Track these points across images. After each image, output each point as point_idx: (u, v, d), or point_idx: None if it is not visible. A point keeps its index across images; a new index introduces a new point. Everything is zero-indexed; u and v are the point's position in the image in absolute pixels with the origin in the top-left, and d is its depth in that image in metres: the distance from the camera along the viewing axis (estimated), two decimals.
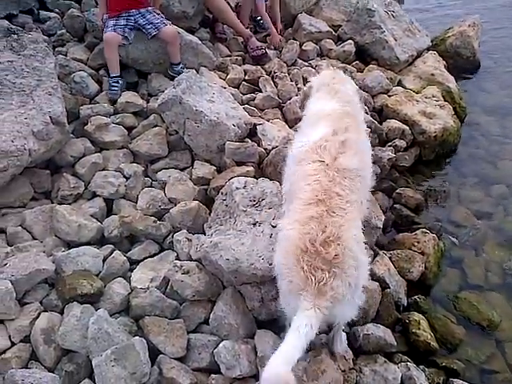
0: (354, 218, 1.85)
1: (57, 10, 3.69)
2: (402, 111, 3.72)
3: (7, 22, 2.96)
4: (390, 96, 3.92)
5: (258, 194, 2.32)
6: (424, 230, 2.96)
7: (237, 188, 2.37)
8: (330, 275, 1.64)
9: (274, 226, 2.15)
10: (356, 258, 1.72)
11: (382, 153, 3.46)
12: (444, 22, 5.67)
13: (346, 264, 1.68)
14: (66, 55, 3.38)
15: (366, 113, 3.42)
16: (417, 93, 4.03)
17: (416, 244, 2.87)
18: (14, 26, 2.88)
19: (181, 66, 3.42)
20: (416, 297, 2.64)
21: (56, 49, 3.42)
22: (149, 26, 3.27)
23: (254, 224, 2.20)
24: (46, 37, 3.40)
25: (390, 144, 3.58)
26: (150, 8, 3.34)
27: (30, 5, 3.53)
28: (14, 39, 2.78)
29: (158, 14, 3.38)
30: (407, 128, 3.67)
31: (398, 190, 3.32)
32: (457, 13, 6.08)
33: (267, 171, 2.92)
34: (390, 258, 2.74)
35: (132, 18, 3.27)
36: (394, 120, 3.70)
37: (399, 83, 4.16)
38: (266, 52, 3.96)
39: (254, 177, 2.83)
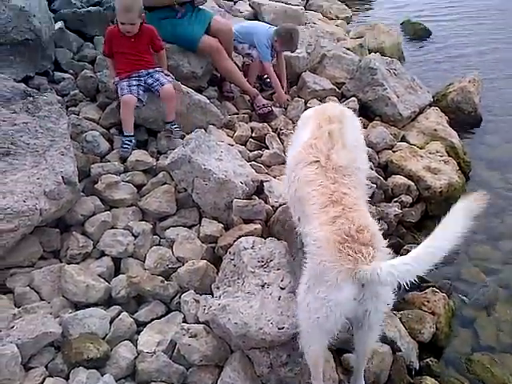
0: (367, 211, 2.09)
1: (71, 71, 3.83)
2: (407, 167, 3.77)
3: (24, 84, 3.06)
4: (394, 152, 3.98)
5: (266, 255, 2.32)
6: (434, 288, 2.93)
7: (245, 248, 2.38)
8: (373, 250, 1.81)
9: (282, 288, 2.14)
10: (381, 239, 1.93)
11: (389, 209, 3.49)
12: (444, 78, 5.82)
13: (379, 245, 1.88)
14: (78, 114, 3.48)
15: (371, 168, 3.48)
16: (421, 148, 4.10)
17: (426, 304, 2.83)
18: (30, 89, 2.98)
19: (175, 124, 3.47)
20: (428, 359, 2.58)
21: (69, 108, 3.52)
22: (155, 84, 3.38)
23: (263, 286, 2.20)
24: (59, 97, 3.51)
25: (395, 200, 3.61)
26: (158, 68, 3.46)
27: (46, 67, 3.67)
28: (30, 101, 2.88)
29: (167, 75, 3.49)
30: (412, 184, 3.70)
31: (405, 247, 3.30)
32: (456, 68, 6.25)
33: (274, 229, 2.93)
34: (400, 318, 2.70)
35: (142, 78, 3.38)
36: (399, 176, 3.75)
37: (403, 139, 4.24)
38: (272, 110, 4.07)
39: (262, 235, 2.85)
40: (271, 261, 2.30)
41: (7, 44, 3.39)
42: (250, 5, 6.12)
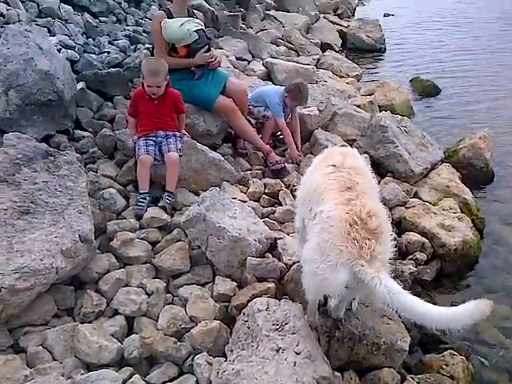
0: (378, 199, 2.33)
1: (90, 130, 3.96)
2: (421, 224, 3.77)
3: (46, 144, 3.17)
4: (407, 208, 4.00)
5: (280, 318, 2.30)
6: (452, 351, 2.85)
7: (259, 310, 2.36)
8: (376, 242, 1.95)
9: (297, 353, 2.11)
10: (389, 230, 2.10)
11: (403, 266, 3.47)
12: (454, 134, 5.92)
13: (385, 233, 2.03)
14: (96, 172, 3.57)
15: None
16: (434, 205, 4.11)
17: (444, 367, 2.75)
18: (51, 149, 3.08)
19: (170, 197, 3.41)
20: None
21: (88, 165, 3.62)
22: (164, 148, 3.49)
23: (277, 350, 2.16)
24: (79, 155, 3.63)
25: (410, 257, 3.60)
26: (177, 133, 3.58)
27: (67, 125, 3.80)
28: (51, 161, 2.97)
29: (181, 139, 3.60)
30: (427, 241, 3.69)
31: None
32: (466, 124, 6.36)
33: (288, 287, 2.92)
34: (418, 383, 2.62)
35: (159, 139, 3.50)
36: (412, 233, 3.74)
37: (415, 195, 4.26)
38: (285, 166, 4.15)
39: (276, 294, 2.83)
40: (286, 324, 2.27)
41: (32, 104, 3.53)
42: (263, 64, 6.37)
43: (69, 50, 4.67)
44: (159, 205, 3.34)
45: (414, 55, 10.08)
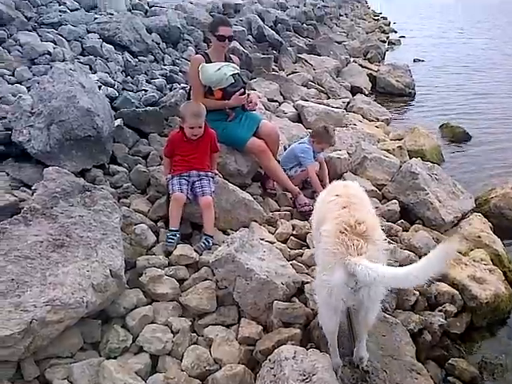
0: (372, 214, 2.58)
1: (125, 165, 4.08)
2: (451, 275, 3.68)
3: (83, 179, 3.28)
4: None
5: (308, 368, 2.26)
6: None
7: (286, 358, 2.33)
8: (364, 242, 2.22)
9: None
10: (379, 234, 2.36)
11: (432, 318, 3.38)
12: (485, 182, 5.85)
13: (374, 236, 2.29)
14: (129, 206, 3.65)
15: None
16: (464, 255, 4.03)
17: None
18: (88, 184, 3.18)
19: (209, 241, 3.46)
20: None
21: (120, 200, 3.71)
22: (199, 191, 3.56)
23: None
24: (113, 189, 3.73)
25: (440, 309, 3.50)
26: (209, 173, 3.65)
27: (103, 160, 3.93)
28: (88, 195, 3.06)
29: (213, 179, 3.67)
30: (457, 292, 3.59)
31: (450, 361, 3.15)
32: (497, 172, 6.28)
33: (314, 334, 2.87)
34: None
35: (192, 179, 3.58)
36: (442, 283, 3.66)
37: None
38: (313, 208, 4.14)
39: (302, 341, 2.80)
40: (314, 375, 2.23)
41: (71, 139, 3.67)
42: (294, 106, 6.49)
43: (109, 88, 4.88)
44: (194, 247, 3.39)
45: (443, 100, 10.13)
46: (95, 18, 6.46)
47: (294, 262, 3.51)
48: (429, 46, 19.64)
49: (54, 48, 5.21)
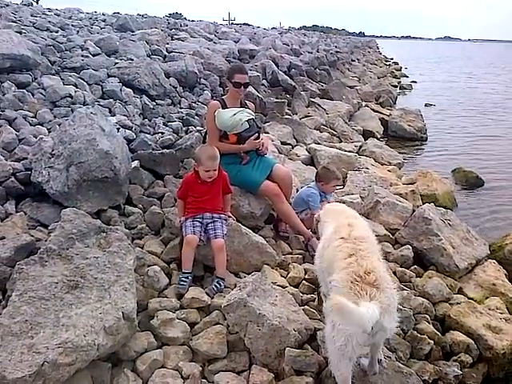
0: (378, 260, 2.69)
1: (140, 206, 4.14)
2: (466, 323, 3.61)
3: (99, 221, 3.33)
4: (451, 305, 3.86)
5: None
6: None
7: None
8: (377, 291, 2.35)
9: None
10: (388, 281, 2.51)
11: (447, 368, 3.30)
12: (499, 228, 5.81)
13: (383, 284, 2.43)
14: (142, 247, 3.68)
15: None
16: (479, 303, 3.96)
17: None
18: (104, 225, 3.23)
19: (220, 283, 3.46)
20: None
21: (134, 241, 3.75)
22: (211, 233, 3.58)
23: None
24: (127, 230, 3.78)
25: (455, 359, 3.42)
26: (222, 215, 3.69)
27: (119, 201, 3.99)
28: (103, 237, 3.11)
29: (226, 221, 3.70)
30: (472, 342, 3.52)
31: None
32: (510, 217, 6.24)
33: (327, 383, 2.82)
34: None
35: (205, 221, 3.61)
36: (457, 332, 3.59)
37: (460, 291, 4.13)
38: None
39: None
40: None
41: (89, 180, 3.76)
42: (306, 149, 6.58)
43: (126, 130, 5.02)
44: (205, 290, 3.38)
45: (455, 145, 10.21)
46: (116, 63, 6.71)
47: (306, 307, 3.48)
48: (439, 91, 19.98)
49: (76, 91, 5.41)
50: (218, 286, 3.42)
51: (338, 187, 4.70)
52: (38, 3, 13.41)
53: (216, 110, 4.18)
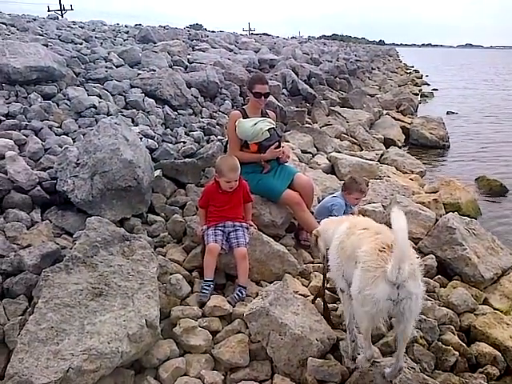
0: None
1: (162, 215, 4.18)
2: (492, 335, 3.53)
3: (123, 229, 3.38)
4: (476, 315, 3.79)
5: None
6: None
7: None
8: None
9: None
10: (413, 251, 2.62)
11: (474, 380, 3.22)
12: None
13: (409, 252, 2.47)
14: (164, 255, 3.72)
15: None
16: (505, 313, 3.87)
17: None
18: (127, 233, 3.27)
19: (242, 292, 3.45)
20: None
21: (157, 249, 3.79)
22: (234, 241, 3.60)
23: None
24: (150, 238, 3.82)
25: (481, 370, 3.34)
26: (244, 224, 3.70)
27: (142, 209, 4.05)
28: (127, 245, 3.15)
29: (248, 230, 3.71)
30: (499, 354, 3.44)
31: None
32: None
33: None
34: None
35: (227, 229, 3.63)
36: (483, 343, 3.51)
37: (485, 301, 4.04)
38: None
39: None
40: None
41: (112, 189, 3.82)
42: (327, 158, 6.56)
43: (149, 140, 5.09)
44: (227, 298, 3.39)
45: (478, 153, 10.05)
46: (138, 74, 6.83)
47: None
48: (461, 98, 19.74)
49: (100, 102, 5.52)
50: (239, 294, 3.42)
51: (360, 201, 4.64)
52: (63, 17, 13.75)
53: (237, 120, 4.21)
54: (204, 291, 3.38)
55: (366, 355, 2.80)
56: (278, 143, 4.30)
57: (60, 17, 13.69)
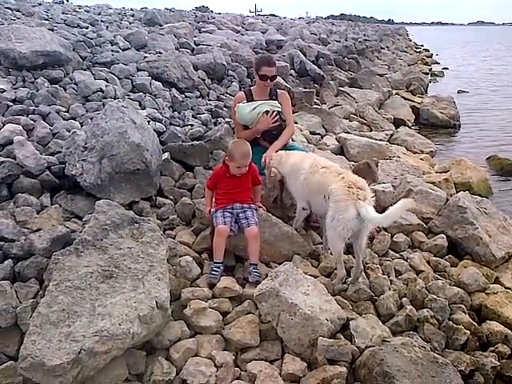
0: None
1: (171, 197, 4.18)
2: (504, 314, 3.52)
3: (132, 212, 3.38)
4: (487, 295, 3.76)
5: None
6: None
7: None
8: (365, 192, 3.32)
9: None
10: (370, 192, 3.42)
11: (484, 358, 3.22)
12: None
13: (368, 190, 3.40)
14: (174, 238, 3.73)
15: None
16: None
17: None
18: (136, 216, 3.28)
19: (256, 269, 3.46)
20: None
21: (166, 231, 3.79)
22: (243, 222, 3.58)
23: None
24: (159, 221, 3.83)
25: (492, 349, 3.34)
26: (252, 205, 3.69)
27: (151, 193, 4.04)
28: (136, 228, 3.15)
29: (257, 211, 3.70)
30: (510, 332, 3.42)
31: None
32: None
33: (360, 373, 2.80)
34: None
35: (235, 211, 3.62)
36: (494, 322, 3.49)
37: (496, 281, 4.01)
38: None
39: (347, 380, 2.73)
40: None
41: (121, 173, 3.81)
42: (336, 139, 6.50)
43: (157, 123, 5.07)
44: (250, 280, 3.41)
45: (489, 132, 9.91)
46: (145, 57, 6.78)
47: (338, 297, 3.45)
48: (472, 77, 19.42)
49: (106, 86, 5.49)
50: (256, 273, 3.42)
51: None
52: (68, 1, 13.65)
53: (236, 105, 4.18)
54: (214, 273, 3.39)
55: (339, 276, 3.50)
56: (274, 114, 4.21)
57: (65, 1, 13.59)
